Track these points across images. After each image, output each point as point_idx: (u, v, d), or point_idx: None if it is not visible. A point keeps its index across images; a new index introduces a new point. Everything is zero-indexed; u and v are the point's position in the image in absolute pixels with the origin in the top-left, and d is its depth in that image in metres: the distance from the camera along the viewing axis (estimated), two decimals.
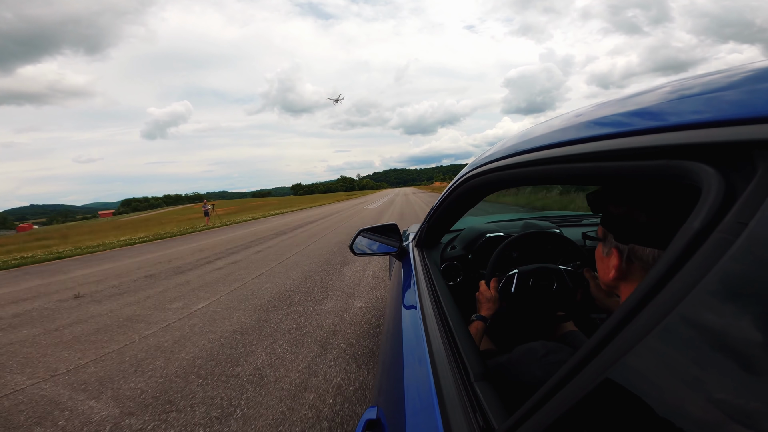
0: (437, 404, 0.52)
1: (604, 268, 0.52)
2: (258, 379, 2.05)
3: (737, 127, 0.24)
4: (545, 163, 0.48)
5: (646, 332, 0.24)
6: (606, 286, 0.54)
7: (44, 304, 4.26)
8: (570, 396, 0.28)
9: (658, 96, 0.35)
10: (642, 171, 0.31)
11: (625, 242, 0.47)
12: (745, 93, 0.26)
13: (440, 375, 0.57)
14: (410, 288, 1.07)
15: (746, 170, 0.23)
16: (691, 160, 0.27)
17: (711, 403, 0.20)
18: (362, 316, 2.94)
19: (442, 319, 0.74)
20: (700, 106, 0.28)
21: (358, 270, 4.54)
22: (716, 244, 0.22)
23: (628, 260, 0.47)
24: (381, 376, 0.85)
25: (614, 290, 0.53)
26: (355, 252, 1.47)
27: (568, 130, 0.45)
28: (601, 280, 0.54)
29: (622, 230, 0.47)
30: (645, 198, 0.46)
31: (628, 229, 0.46)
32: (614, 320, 0.26)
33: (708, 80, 0.31)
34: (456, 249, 1.42)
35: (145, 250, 8.82)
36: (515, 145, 0.59)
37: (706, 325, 0.21)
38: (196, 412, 1.77)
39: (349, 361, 2.18)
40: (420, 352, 0.69)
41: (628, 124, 0.35)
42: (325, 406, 1.74)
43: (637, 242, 0.46)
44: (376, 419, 0.66)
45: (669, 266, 0.24)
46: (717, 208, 0.23)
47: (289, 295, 3.71)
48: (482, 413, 0.44)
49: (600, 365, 0.26)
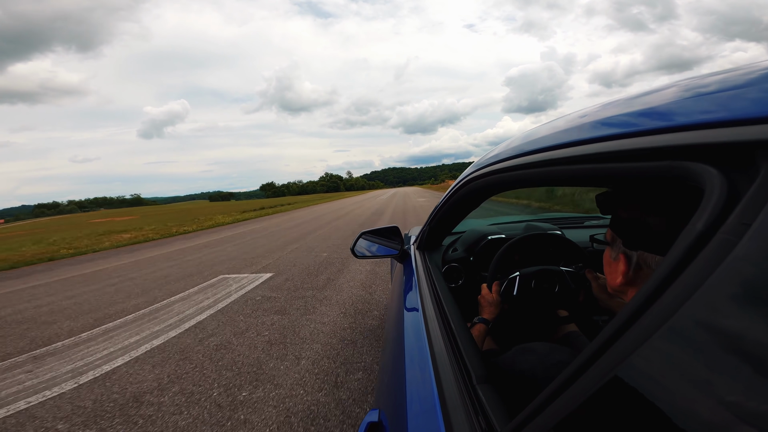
0: (439, 407, 0.51)
1: (612, 272, 0.52)
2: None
3: (740, 128, 0.24)
4: (548, 165, 0.47)
5: (650, 334, 0.23)
6: (613, 290, 0.54)
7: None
8: (573, 398, 0.28)
9: (660, 96, 0.35)
10: (645, 172, 0.31)
11: (633, 248, 0.47)
12: (747, 93, 0.26)
13: (442, 377, 0.57)
14: (412, 290, 1.07)
15: (749, 171, 0.23)
16: (693, 161, 0.27)
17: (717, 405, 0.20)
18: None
19: (443, 321, 0.74)
20: (702, 106, 0.28)
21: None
22: (720, 246, 0.22)
23: (637, 266, 0.47)
24: (383, 378, 0.85)
25: (621, 295, 0.53)
26: (357, 254, 1.47)
27: (571, 131, 0.45)
28: (609, 284, 0.54)
29: (632, 236, 0.47)
30: (654, 204, 0.46)
31: (638, 235, 0.46)
32: (618, 322, 0.26)
33: (710, 80, 0.31)
34: (458, 251, 1.41)
35: None
36: (518, 147, 0.59)
37: (711, 327, 0.21)
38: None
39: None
40: (422, 354, 0.69)
41: (632, 125, 0.35)
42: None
43: (645, 249, 0.46)
44: (378, 422, 0.66)
45: (672, 268, 0.24)
46: (720, 209, 0.23)
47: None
48: (485, 416, 0.44)
49: (604, 367, 0.26)
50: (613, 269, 0.51)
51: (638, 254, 0.46)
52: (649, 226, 0.45)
